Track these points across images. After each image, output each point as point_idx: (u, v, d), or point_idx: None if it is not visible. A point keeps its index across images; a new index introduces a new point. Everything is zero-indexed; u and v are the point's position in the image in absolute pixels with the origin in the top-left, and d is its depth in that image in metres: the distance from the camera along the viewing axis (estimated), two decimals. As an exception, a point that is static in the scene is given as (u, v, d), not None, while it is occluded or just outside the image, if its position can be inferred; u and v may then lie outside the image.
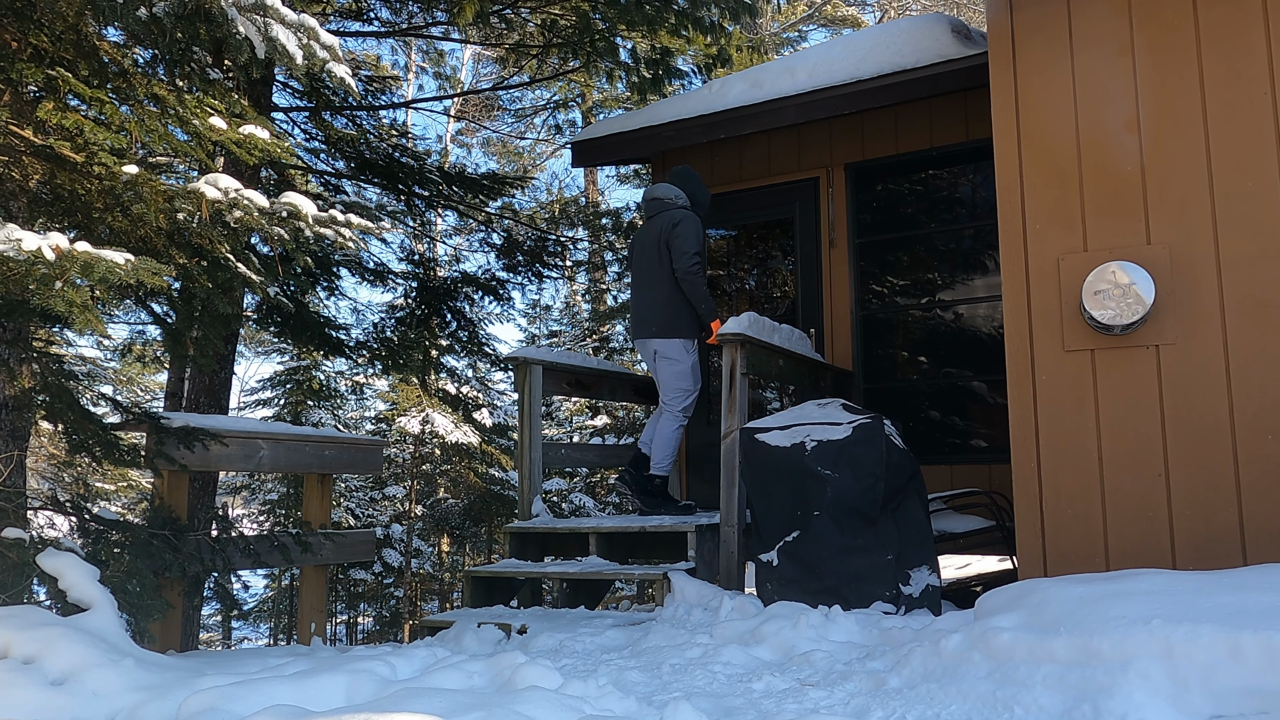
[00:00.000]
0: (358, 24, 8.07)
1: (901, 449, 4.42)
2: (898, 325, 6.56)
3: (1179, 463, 3.82)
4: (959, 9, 17.51)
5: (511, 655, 3.15)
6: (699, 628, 3.98)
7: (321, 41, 3.58)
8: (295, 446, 5.28)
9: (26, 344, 4.02)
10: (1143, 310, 3.84)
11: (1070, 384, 4.04)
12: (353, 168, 8.36)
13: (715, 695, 3.00)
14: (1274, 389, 3.71)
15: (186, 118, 3.58)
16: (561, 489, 14.56)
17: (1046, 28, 4.27)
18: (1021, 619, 2.90)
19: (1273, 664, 2.33)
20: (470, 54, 18.19)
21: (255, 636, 17.71)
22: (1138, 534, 3.85)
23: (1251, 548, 3.66)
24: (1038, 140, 4.24)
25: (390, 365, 8.84)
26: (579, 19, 7.59)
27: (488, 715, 2.29)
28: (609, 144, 6.90)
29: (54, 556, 3.53)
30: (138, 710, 2.78)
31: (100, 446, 4.08)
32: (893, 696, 2.79)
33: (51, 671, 2.93)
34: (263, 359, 18.49)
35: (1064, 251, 4.12)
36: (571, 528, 5.41)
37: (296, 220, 3.67)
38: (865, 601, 4.16)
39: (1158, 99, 4.03)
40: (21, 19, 3.44)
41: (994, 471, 5.89)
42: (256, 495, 16.50)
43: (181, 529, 4.40)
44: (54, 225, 3.79)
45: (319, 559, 5.28)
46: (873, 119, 6.56)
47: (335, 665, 3.02)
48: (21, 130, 3.54)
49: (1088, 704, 2.45)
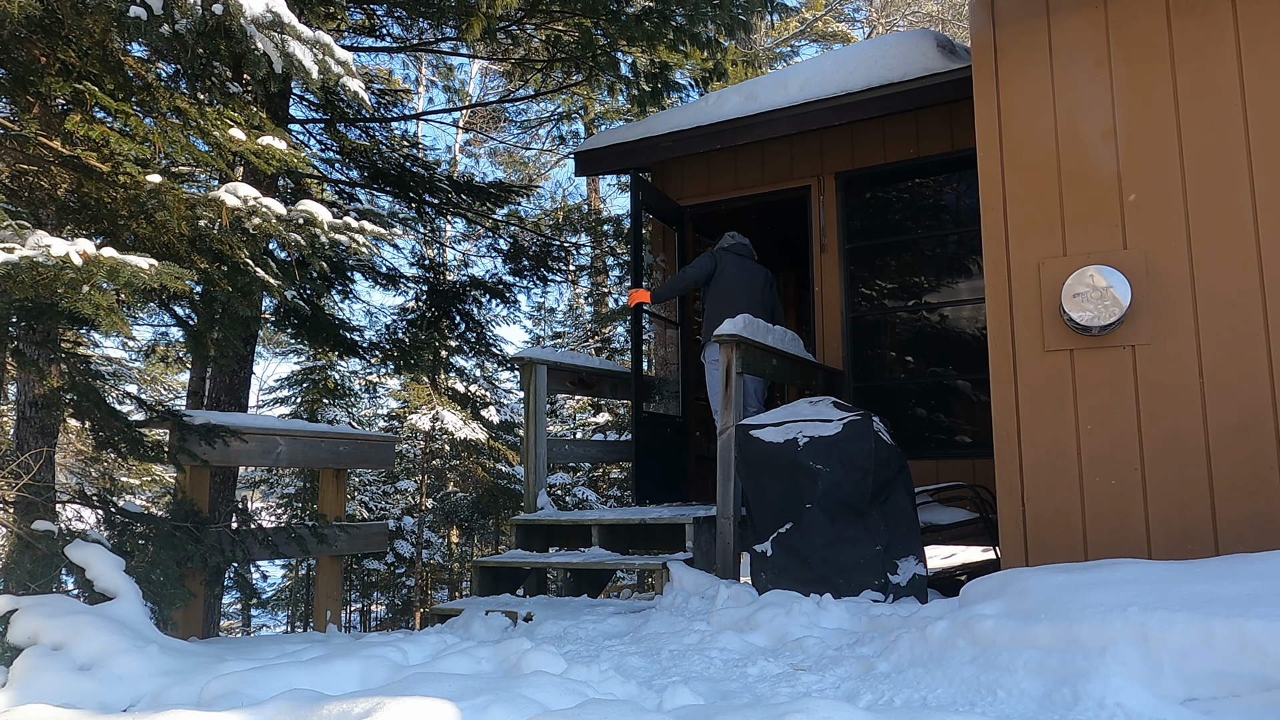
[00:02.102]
0: (370, 40, 8.07)
1: (889, 445, 4.42)
2: (886, 327, 6.56)
3: (1154, 457, 3.82)
4: (944, 25, 17.51)
5: (518, 641, 3.16)
6: (697, 615, 3.98)
7: (336, 57, 3.58)
8: (311, 443, 5.28)
9: (55, 345, 4.02)
10: (1119, 312, 3.84)
11: (1050, 382, 4.05)
12: (366, 177, 8.35)
13: (712, 679, 3.00)
14: (1244, 387, 3.71)
15: (207, 129, 3.58)
16: (565, 483, 14.56)
17: (1027, 43, 4.27)
18: (1004, 607, 2.90)
19: (1243, 649, 2.33)
20: (478, 68, 18.18)
21: (273, 624, 17.71)
22: (1115, 526, 3.85)
23: (1223, 538, 3.67)
24: (1019, 150, 4.24)
25: (402, 365, 8.84)
26: (581, 35, 7.59)
27: (495, 698, 2.29)
28: (610, 154, 6.90)
29: (81, 548, 3.53)
30: (162, 694, 2.78)
31: (125, 443, 4.08)
32: (881, 680, 2.79)
33: (79, 657, 2.94)
34: (280, 359, 18.49)
35: (1044, 256, 4.12)
36: (575, 520, 5.41)
37: (312, 227, 3.68)
38: (855, 590, 4.16)
39: (1133, 110, 4.03)
40: (51, 35, 3.44)
41: (977, 466, 5.89)
42: (275, 489, 16.50)
43: (203, 521, 4.41)
44: (81, 232, 3.79)
45: (334, 550, 5.28)
46: (862, 130, 6.56)
47: (350, 651, 3.03)
48: (50, 141, 3.54)
49: (1067, 687, 2.45)
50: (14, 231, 2.97)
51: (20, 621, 3.05)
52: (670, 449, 6.77)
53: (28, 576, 3.50)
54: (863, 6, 18.66)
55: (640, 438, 6.33)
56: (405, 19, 7.77)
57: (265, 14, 3.33)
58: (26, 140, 3.54)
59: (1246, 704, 2.28)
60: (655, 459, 6.46)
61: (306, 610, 15.42)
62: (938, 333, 6.37)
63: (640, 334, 6.56)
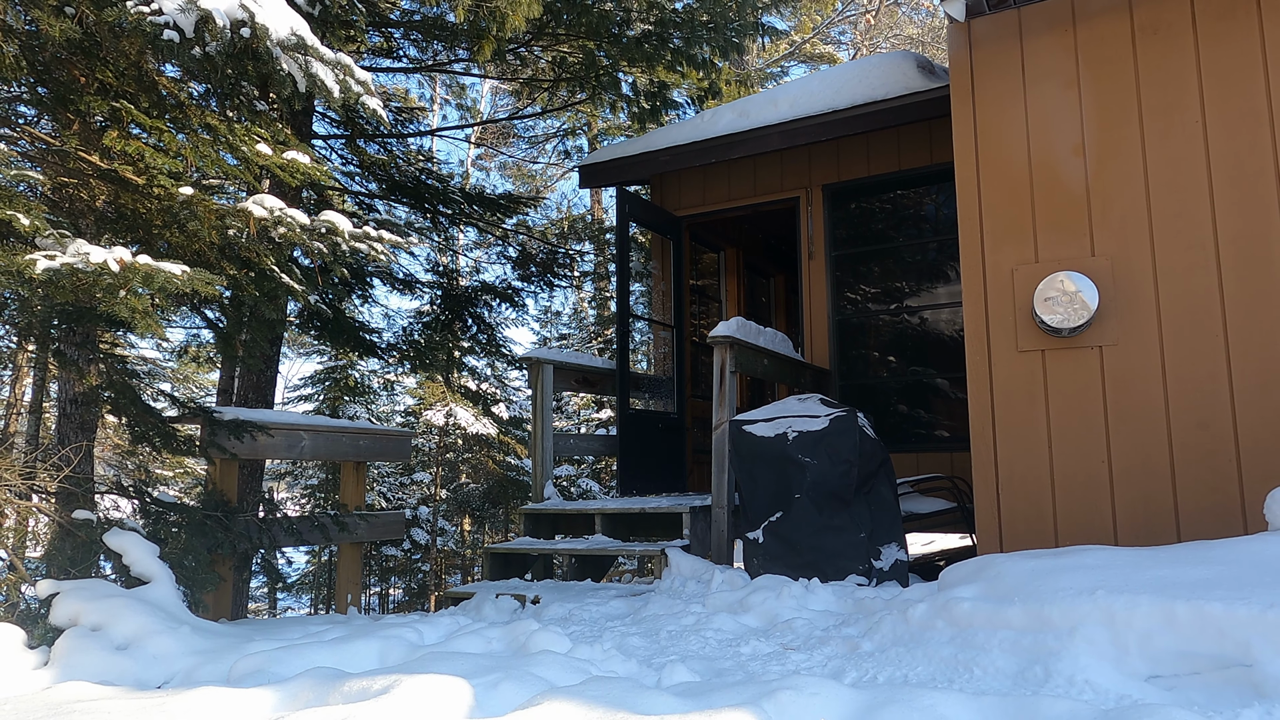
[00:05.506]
0: (388, 60, 8.06)
1: (873, 439, 4.42)
2: (870, 329, 6.56)
3: (1120, 450, 3.82)
4: (924, 47, 17.50)
5: (526, 623, 3.16)
6: (693, 598, 3.98)
7: (356, 77, 3.58)
8: (333, 437, 5.28)
9: (93, 346, 4.02)
10: (1088, 315, 3.84)
11: (1023, 381, 4.05)
12: (384, 189, 8.35)
13: (707, 658, 3.00)
14: (1204, 384, 3.72)
15: (236, 144, 3.58)
16: (570, 475, 14.55)
17: (1002, 63, 4.27)
18: (980, 590, 2.90)
19: (1203, 629, 2.33)
20: (489, 87, 18.17)
21: (298, 606, 17.69)
22: (1084, 514, 3.85)
23: (1185, 526, 3.67)
24: (994, 164, 4.24)
25: (417, 365, 8.84)
26: (585, 56, 7.59)
27: (505, 676, 2.29)
28: (612, 167, 6.90)
29: (118, 535, 3.53)
30: (194, 672, 2.79)
31: (159, 437, 4.08)
32: (865, 659, 2.79)
33: (117, 637, 2.94)
34: (304, 359, 18.48)
35: (1018, 263, 4.12)
36: (579, 509, 5.41)
37: (334, 236, 3.67)
38: (841, 575, 4.16)
39: (1101, 126, 4.03)
40: (89, 57, 3.44)
41: (955, 459, 5.89)
42: (299, 480, 16.48)
43: (232, 511, 4.40)
44: (118, 240, 3.79)
45: (354, 537, 5.28)
46: (847, 144, 6.56)
47: (369, 632, 3.03)
48: (89, 156, 3.54)
49: (1039, 665, 2.45)
50: (55, 240, 2.97)
51: (62, 604, 3.05)
52: (665, 443, 6.77)
53: (68, 562, 3.50)
54: (848, 30, 18.64)
55: (625, 434, 6.33)
56: (421, 41, 7.77)
57: (290, 37, 3.33)
58: (67, 155, 3.54)
59: (1206, 680, 2.28)
60: (640, 454, 6.45)
61: (328, 594, 15.41)
62: (918, 334, 6.37)
63: (626, 338, 6.52)
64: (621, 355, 6.42)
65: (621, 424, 6.36)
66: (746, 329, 5.04)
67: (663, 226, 7.16)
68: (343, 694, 2.17)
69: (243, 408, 5.92)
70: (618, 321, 6.53)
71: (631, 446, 6.37)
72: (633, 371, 6.65)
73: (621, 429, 6.34)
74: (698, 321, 7.91)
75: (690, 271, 7.60)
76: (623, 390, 6.39)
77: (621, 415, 6.37)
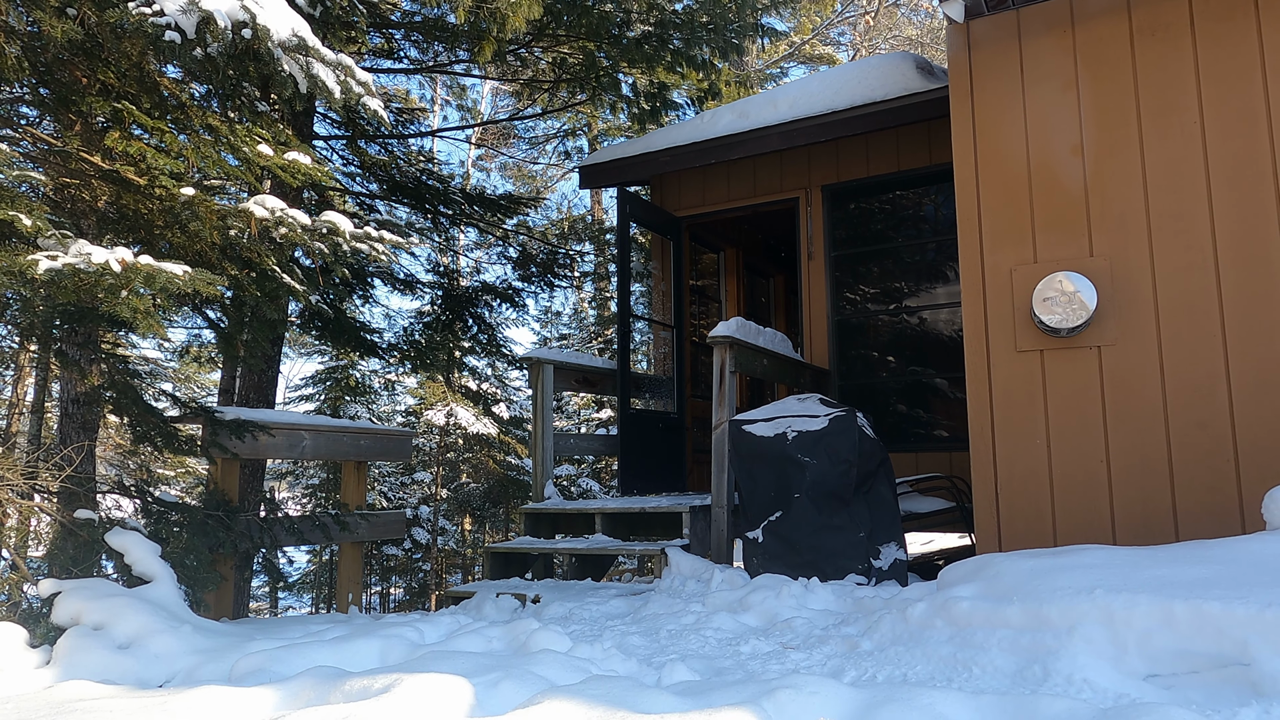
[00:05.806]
0: (389, 61, 8.06)
1: (872, 438, 4.41)
2: (869, 329, 6.55)
3: (1118, 450, 3.82)
4: (923, 48, 17.50)
5: (526, 622, 3.15)
6: (693, 597, 3.98)
7: (357, 78, 3.58)
8: (334, 437, 5.28)
9: (95, 346, 4.02)
10: (1086, 315, 3.84)
11: (1022, 381, 4.04)
12: (385, 189, 8.35)
13: (707, 657, 3.00)
14: (1202, 384, 3.71)
15: (237, 145, 3.57)
16: (571, 474, 14.54)
17: (1001, 64, 4.27)
18: (979, 589, 2.90)
19: (1201, 629, 2.33)
20: (489, 88, 18.17)
21: (299, 605, 17.69)
22: (1082, 514, 3.85)
23: (1183, 525, 3.66)
24: (993, 164, 4.24)
25: (418, 365, 8.84)
26: (585, 57, 7.59)
27: (505, 675, 2.28)
28: (612, 168, 6.90)
29: (120, 534, 3.53)
30: (195, 671, 2.78)
31: (161, 437, 4.08)
32: (865, 658, 2.79)
33: (118, 636, 2.93)
34: (305, 359, 18.50)
35: (1016, 263, 4.11)
36: (580, 509, 5.40)
37: (335, 236, 3.67)
38: (840, 574, 4.15)
39: (1099, 127, 4.03)
40: (91, 58, 3.44)
41: (954, 458, 5.89)
42: (300, 480, 16.48)
43: (233, 510, 4.40)
44: (120, 241, 3.79)
45: (355, 536, 5.27)
46: (846, 145, 6.56)
47: (370, 631, 3.02)
48: (91, 156, 3.54)
49: (1038, 664, 2.45)
50: (57, 241, 2.97)
51: (64, 603, 3.05)
52: (665, 443, 6.76)
53: (70, 561, 3.50)
54: (847, 31, 18.64)
55: (625, 434, 6.33)
56: (421, 42, 7.77)
57: (291, 38, 3.32)
58: (69, 156, 3.53)
59: (1204, 679, 2.28)
60: (640, 453, 6.44)
61: (330, 593, 15.41)
62: (917, 334, 6.36)
63: (626, 338, 6.52)
64: (622, 355, 6.42)
65: (622, 424, 6.36)
66: (746, 329, 5.04)
67: (663, 227, 7.16)
68: (344, 693, 2.17)
69: (244, 408, 5.91)
70: (618, 321, 6.53)
71: (632, 446, 6.37)
72: (633, 371, 6.65)
73: (622, 429, 6.34)
74: (698, 321, 7.90)
75: (690, 272, 7.60)
76: (623, 390, 6.40)
77: (622, 415, 6.38)
